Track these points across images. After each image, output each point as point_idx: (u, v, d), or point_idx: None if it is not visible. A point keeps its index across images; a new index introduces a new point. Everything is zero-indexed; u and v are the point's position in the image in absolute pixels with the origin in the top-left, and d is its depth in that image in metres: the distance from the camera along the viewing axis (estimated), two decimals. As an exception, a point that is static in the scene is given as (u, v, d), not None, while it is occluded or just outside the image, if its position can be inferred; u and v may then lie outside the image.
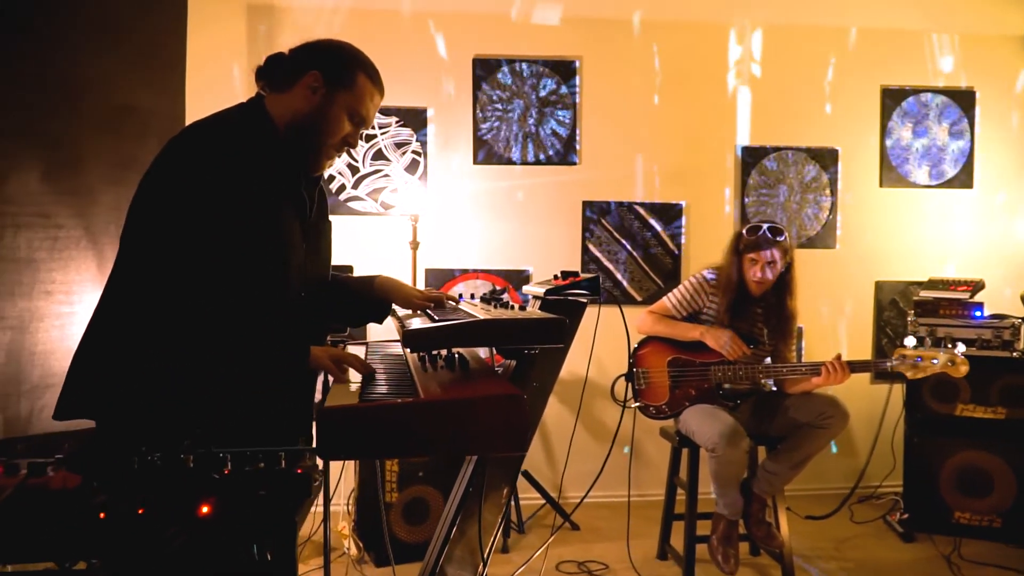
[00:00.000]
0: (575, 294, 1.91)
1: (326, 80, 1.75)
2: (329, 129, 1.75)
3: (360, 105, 1.79)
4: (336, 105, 1.76)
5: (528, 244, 4.37)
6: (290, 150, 1.74)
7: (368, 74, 1.82)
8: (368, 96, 1.80)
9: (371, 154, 4.25)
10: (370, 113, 1.82)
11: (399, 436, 1.38)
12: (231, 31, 4.15)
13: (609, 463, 4.27)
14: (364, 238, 4.24)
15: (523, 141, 4.33)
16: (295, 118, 1.73)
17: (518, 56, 4.32)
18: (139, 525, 0.95)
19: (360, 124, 1.81)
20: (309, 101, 1.74)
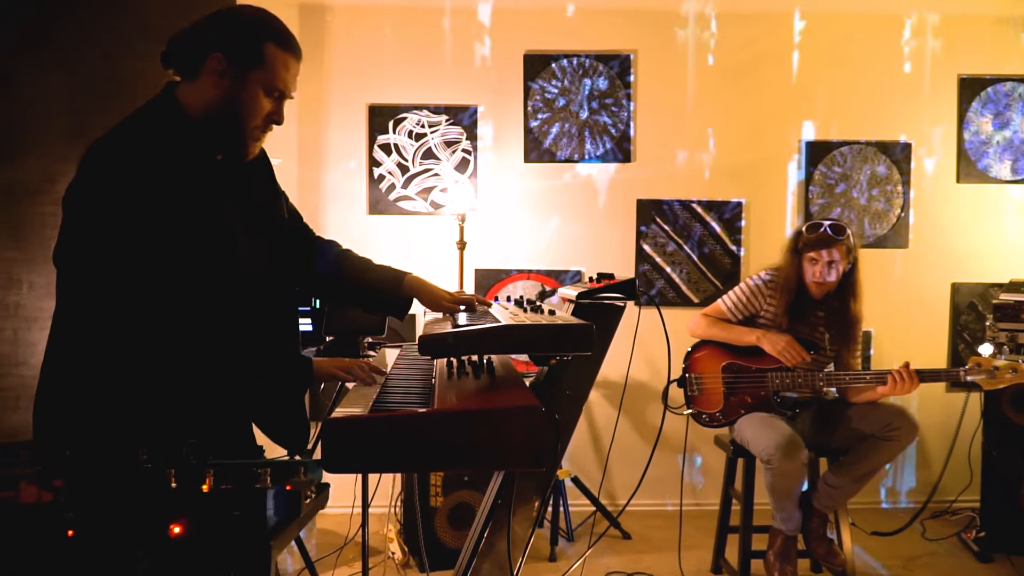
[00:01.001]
0: (610, 297, 1.80)
1: (231, 61, 1.59)
2: (246, 113, 1.61)
3: (275, 78, 1.62)
4: (248, 86, 1.60)
5: (580, 244, 4.25)
6: (209, 142, 1.62)
7: (277, 41, 1.63)
8: (281, 66, 1.63)
9: (421, 153, 4.20)
10: (288, 83, 1.66)
11: (408, 449, 1.30)
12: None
13: (665, 471, 4.15)
14: (413, 238, 4.20)
15: (575, 138, 4.22)
16: (208, 108, 1.60)
17: (570, 51, 4.21)
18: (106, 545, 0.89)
19: (281, 97, 1.66)
20: (218, 87, 1.59)
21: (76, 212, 1.53)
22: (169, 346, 1.53)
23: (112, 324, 1.53)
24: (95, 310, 1.53)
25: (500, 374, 1.69)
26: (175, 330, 1.53)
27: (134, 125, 1.57)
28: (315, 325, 2.69)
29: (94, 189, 1.51)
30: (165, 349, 1.53)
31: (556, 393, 1.84)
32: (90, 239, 1.51)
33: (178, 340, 1.53)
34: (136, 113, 1.59)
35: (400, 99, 4.18)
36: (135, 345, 1.52)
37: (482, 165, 4.22)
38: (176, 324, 1.53)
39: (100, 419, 1.54)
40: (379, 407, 1.39)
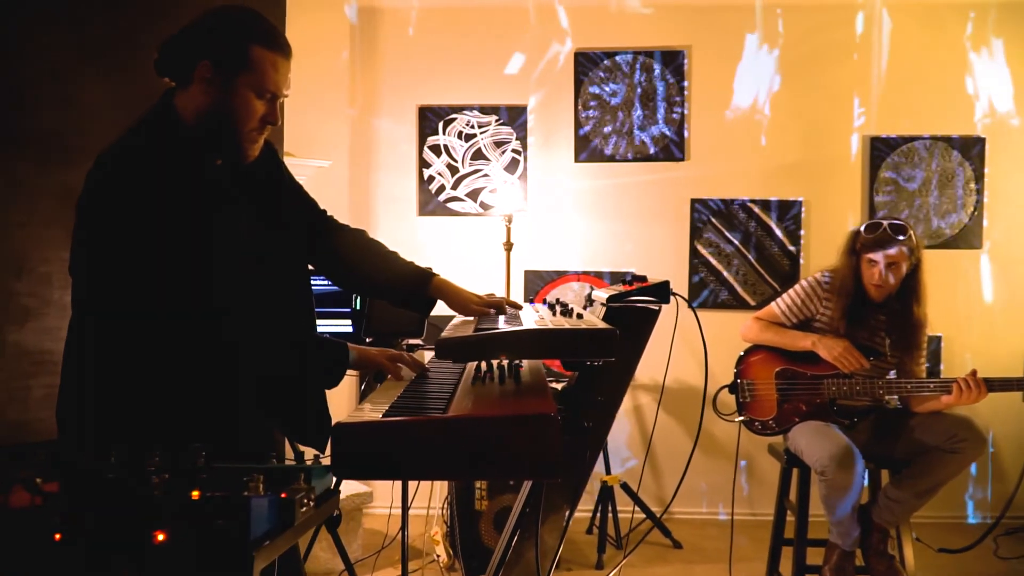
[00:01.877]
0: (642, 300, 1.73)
1: (217, 67, 1.57)
2: (239, 118, 1.58)
3: (265, 81, 1.58)
4: (238, 91, 1.57)
5: (632, 245, 4.17)
6: (206, 148, 1.60)
7: (263, 42, 1.59)
8: (270, 67, 1.58)
9: (471, 154, 4.18)
10: (280, 83, 1.61)
11: (418, 456, 1.26)
12: (332, 33, 4.18)
13: (720, 478, 4.03)
14: (462, 239, 4.18)
15: (627, 137, 4.14)
16: (200, 115, 1.59)
17: (622, 48, 4.13)
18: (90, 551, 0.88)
19: (274, 98, 1.62)
20: (208, 94, 1.57)
21: (84, 223, 1.55)
22: (184, 346, 1.53)
23: (125, 328, 1.54)
24: (108, 317, 1.55)
25: (527, 380, 1.64)
26: (189, 330, 1.53)
27: (133, 135, 1.59)
28: (355, 327, 2.69)
29: (99, 200, 1.52)
30: (180, 350, 1.53)
31: (587, 399, 1.78)
32: (98, 248, 1.53)
33: (192, 340, 1.53)
34: (136, 123, 1.61)
35: (450, 100, 4.16)
36: (149, 347, 1.53)
37: (532, 165, 4.17)
38: (189, 324, 1.53)
39: (119, 421, 1.55)
40: (394, 411, 1.36)
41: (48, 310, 2.89)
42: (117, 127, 1.70)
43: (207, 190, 1.59)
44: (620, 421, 4.16)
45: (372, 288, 1.99)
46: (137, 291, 1.52)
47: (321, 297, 2.85)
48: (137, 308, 1.53)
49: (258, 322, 1.64)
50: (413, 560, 3.56)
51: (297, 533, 1.02)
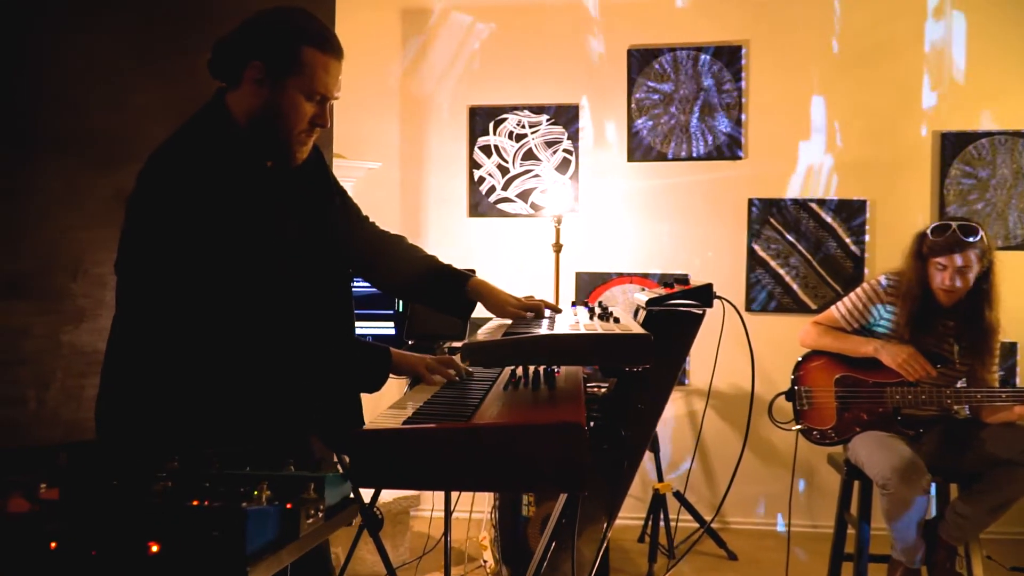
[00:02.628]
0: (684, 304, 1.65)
1: (268, 68, 1.56)
2: (288, 120, 1.57)
3: (315, 83, 1.56)
4: (287, 93, 1.55)
5: (687, 246, 4.05)
6: (256, 149, 1.59)
7: (315, 43, 1.57)
8: (321, 69, 1.56)
9: (521, 154, 4.12)
10: (330, 85, 1.59)
11: (437, 466, 1.22)
12: (382, 34, 4.18)
13: (779, 488, 3.88)
14: (512, 241, 4.13)
15: (682, 135, 4.03)
16: (251, 115, 1.58)
17: (677, 44, 4.02)
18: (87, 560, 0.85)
19: (324, 101, 1.60)
20: (258, 95, 1.57)
21: (134, 222, 1.56)
22: (226, 348, 1.53)
23: (168, 327, 1.55)
24: (152, 315, 1.56)
25: (561, 386, 1.58)
26: (231, 332, 1.53)
27: (184, 135, 1.59)
28: (397, 329, 2.66)
29: (148, 199, 1.53)
30: (222, 351, 1.53)
31: (626, 407, 1.70)
32: (147, 247, 1.53)
33: (234, 341, 1.53)
34: (188, 121, 1.61)
35: (501, 99, 4.12)
36: (191, 347, 1.53)
37: (584, 165, 4.09)
38: (232, 326, 1.53)
39: (155, 420, 1.56)
40: (416, 418, 1.31)
41: (102, 311, 2.95)
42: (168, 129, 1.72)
43: (254, 191, 1.58)
44: (674, 427, 4.05)
45: (410, 291, 1.96)
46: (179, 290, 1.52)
47: (363, 299, 2.85)
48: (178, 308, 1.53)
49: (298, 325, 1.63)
50: (460, 565, 3.52)
51: (303, 546, 0.98)
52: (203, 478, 1.01)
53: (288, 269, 1.61)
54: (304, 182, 1.71)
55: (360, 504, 1.28)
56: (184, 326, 1.53)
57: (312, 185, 1.74)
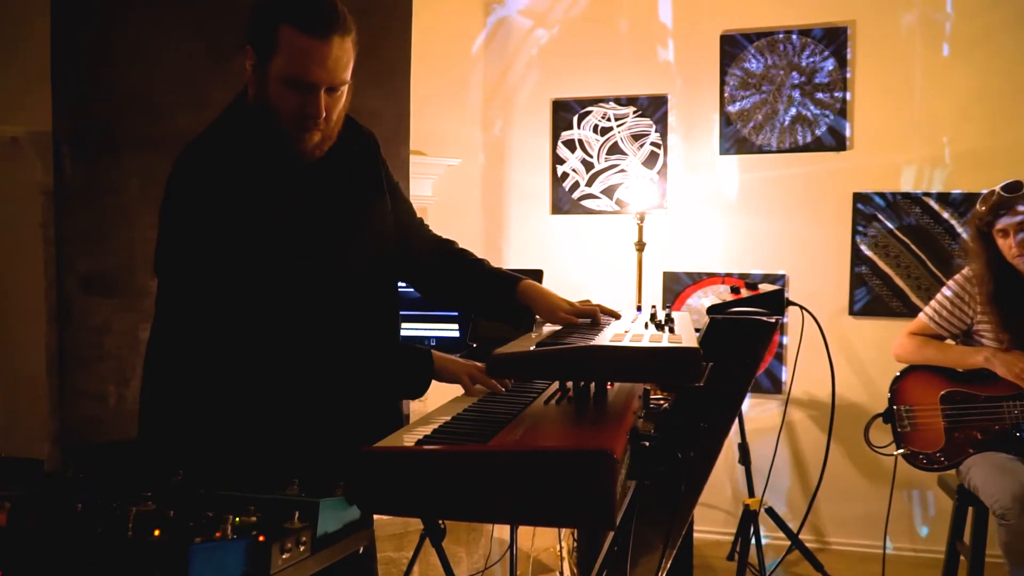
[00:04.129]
0: (750, 312, 1.46)
1: (256, 53, 1.44)
2: (274, 110, 1.43)
3: (293, 66, 1.39)
4: (270, 79, 1.42)
5: (784, 244, 3.77)
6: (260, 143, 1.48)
7: (293, 21, 1.39)
8: (299, 51, 1.39)
9: (607, 148, 3.95)
10: (310, 70, 1.40)
11: (447, 493, 1.09)
12: (463, 27, 4.09)
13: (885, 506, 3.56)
14: (598, 239, 3.96)
15: (779, 125, 3.75)
16: (252, 105, 1.48)
17: (774, 28, 3.74)
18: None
19: (308, 89, 1.41)
20: (252, 84, 1.46)
21: (164, 224, 1.52)
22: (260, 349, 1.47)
23: (203, 329, 1.50)
24: (187, 318, 1.52)
25: (611, 401, 1.42)
26: (265, 333, 1.47)
27: (210, 129, 1.54)
28: (462, 332, 2.56)
29: (171, 200, 1.49)
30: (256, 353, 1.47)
31: (687, 425, 1.53)
32: (175, 250, 1.50)
33: (269, 343, 1.47)
34: (219, 116, 1.55)
35: (585, 92, 3.96)
36: (227, 350, 1.48)
37: (672, 159, 3.88)
38: (266, 327, 1.46)
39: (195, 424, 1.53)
40: (433, 437, 1.19)
41: (178, 309, 2.99)
42: None
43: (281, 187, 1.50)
44: (768, 438, 3.78)
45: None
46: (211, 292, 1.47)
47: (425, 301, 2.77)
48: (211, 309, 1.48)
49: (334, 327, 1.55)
50: (538, 575, 3.40)
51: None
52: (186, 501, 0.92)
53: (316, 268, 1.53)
54: (348, 177, 1.63)
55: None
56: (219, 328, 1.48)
57: (357, 181, 1.65)
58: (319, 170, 1.56)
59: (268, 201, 1.47)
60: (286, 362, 1.48)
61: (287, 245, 1.48)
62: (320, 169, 1.56)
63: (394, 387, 1.59)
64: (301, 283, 1.51)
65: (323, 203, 1.57)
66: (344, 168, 1.62)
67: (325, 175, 1.58)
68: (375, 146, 1.71)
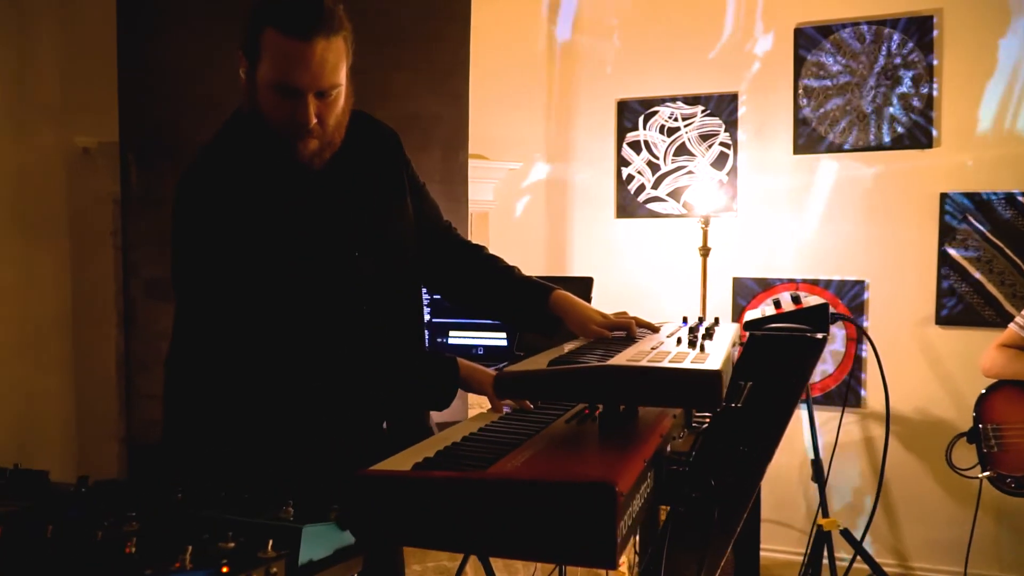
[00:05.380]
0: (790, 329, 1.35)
1: (247, 58, 1.40)
2: (266, 116, 1.39)
3: (276, 72, 1.34)
4: (259, 85, 1.38)
5: (865, 249, 3.55)
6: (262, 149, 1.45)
7: (275, 23, 1.33)
8: (279, 54, 1.33)
9: (673, 149, 3.81)
10: (294, 74, 1.33)
11: (439, 523, 1.03)
12: (526, 27, 4.02)
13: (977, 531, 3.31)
14: (664, 243, 3.83)
15: (859, 122, 3.53)
16: (247, 115, 1.44)
17: (853, 18, 3.53)
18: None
19: (294, 94, 1.35)
20: (245, 91, 1.42)
21: (172, 236, 1.51)
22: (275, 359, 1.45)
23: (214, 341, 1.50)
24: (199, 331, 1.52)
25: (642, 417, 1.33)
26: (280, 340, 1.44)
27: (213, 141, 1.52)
28: (509, 341, 2.49)
29: (180, 213, 1.48)
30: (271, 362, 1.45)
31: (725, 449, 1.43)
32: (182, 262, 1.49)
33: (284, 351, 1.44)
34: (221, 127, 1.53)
35: (651, 92, 3.83)
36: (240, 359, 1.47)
37: (743, 159, 3.71)
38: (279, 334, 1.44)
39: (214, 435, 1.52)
40: (435, 460, 1.13)
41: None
42: None
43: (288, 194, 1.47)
44: (846, 455, 3.57)
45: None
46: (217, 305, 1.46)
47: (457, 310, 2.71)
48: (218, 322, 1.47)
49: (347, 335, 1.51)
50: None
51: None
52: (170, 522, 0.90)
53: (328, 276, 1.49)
54: (361, 181, 1.58)
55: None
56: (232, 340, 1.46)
57: (371, 184, 1.60)
58: (327, 176, 1.52)
59: (275, 211, 1.44)
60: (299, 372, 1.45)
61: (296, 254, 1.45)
62: (329, 175, 1.52)
63: (417, 397, 1.54)
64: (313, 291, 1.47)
65: (333, 210, 1.52)
66: (357, 172, 1.57)
67: (334, 181, 1.53)
68: (395, 146, 1.66)
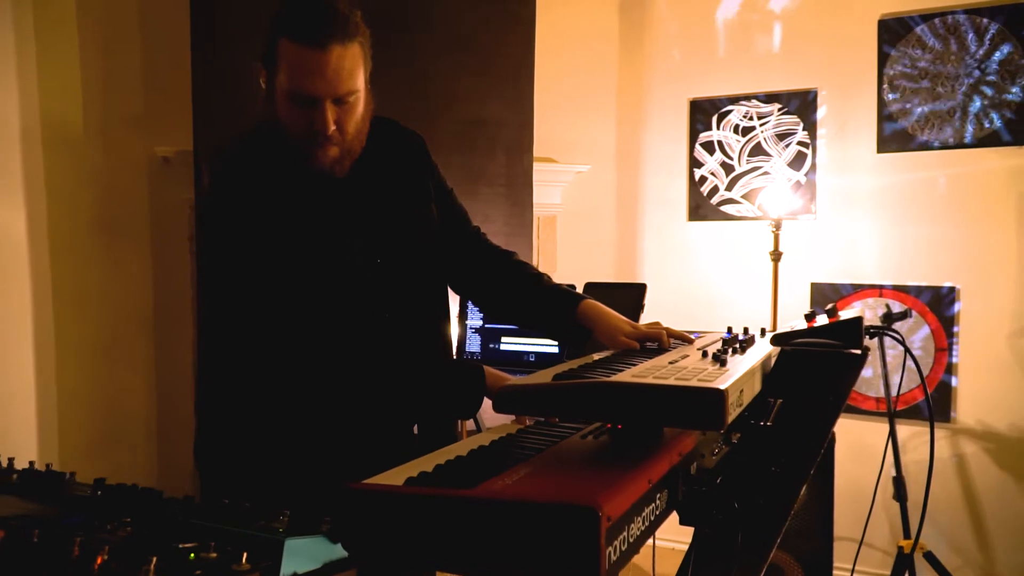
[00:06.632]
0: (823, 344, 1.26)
1: (266, 68, 1.41)
2: (284, 126, 1.40)
3: (293, 80, 1.35)
4: (278, 96, 1.39)
5: (954, 254, 3.32)
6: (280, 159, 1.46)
7: (290, 33, 1.34)
8: (295, 63, 1.34)
9: (748, 149, 3.67)
10: (309, 82, 1.34)
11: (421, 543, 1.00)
12: (596, 28, 3.95)
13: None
14: (739, 246, 3.69)
15: (950, 118, 3.31)
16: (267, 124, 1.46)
17: (943, 8, 3.31)
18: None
19: (311, 102, 1.35)
20: (265, 101, 1.44)
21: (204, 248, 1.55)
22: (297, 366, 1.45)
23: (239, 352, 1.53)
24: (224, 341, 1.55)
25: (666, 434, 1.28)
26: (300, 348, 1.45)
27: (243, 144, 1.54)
28: (561, 348, 2.45)
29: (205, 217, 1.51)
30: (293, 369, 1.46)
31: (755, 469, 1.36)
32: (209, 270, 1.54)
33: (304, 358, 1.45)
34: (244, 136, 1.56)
35: (725, 90, 3.70)
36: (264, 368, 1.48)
37: (822, 159, 3.54)
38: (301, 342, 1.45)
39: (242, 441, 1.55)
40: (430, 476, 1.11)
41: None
42: None
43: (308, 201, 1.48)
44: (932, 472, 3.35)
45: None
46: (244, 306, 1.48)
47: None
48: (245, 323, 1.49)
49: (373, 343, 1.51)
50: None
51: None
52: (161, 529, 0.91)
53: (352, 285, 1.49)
54: (382, 189, 1.58)
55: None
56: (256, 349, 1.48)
57: (393, 191, 1.59)
58: (350, 184, 1.53)
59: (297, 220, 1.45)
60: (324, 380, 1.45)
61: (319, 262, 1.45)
62: (351, 183, 1.52)
63: (442, 405, 1.52)
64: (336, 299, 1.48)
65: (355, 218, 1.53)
66: (379, 179, 1.57)
67: (356, 189, 1.53)
68: (420, 152, 1.65)
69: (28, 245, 3.04)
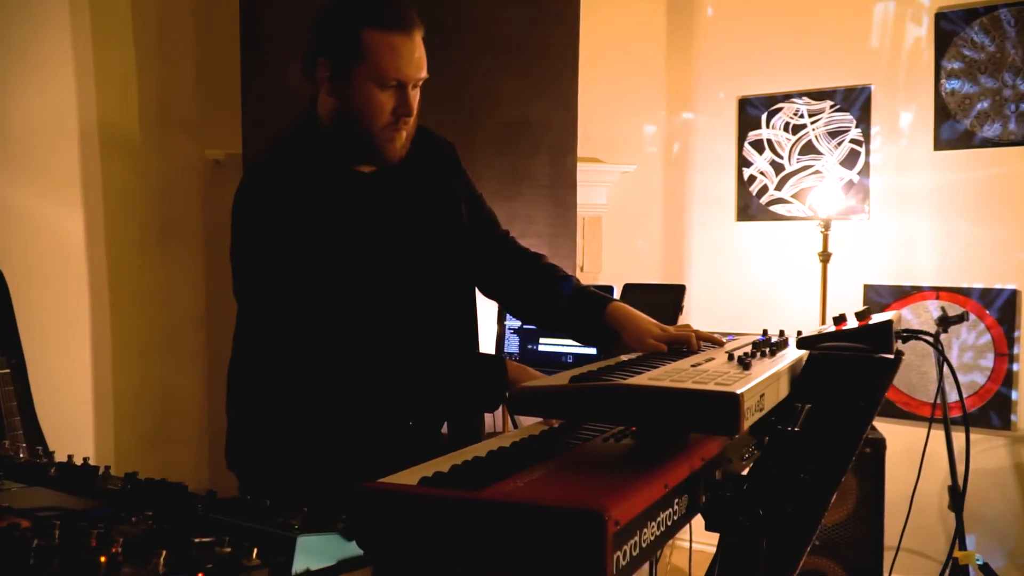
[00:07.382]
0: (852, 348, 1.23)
1: (334, 64, 1.44)
2: (364, 117, 1.44)
3: (382, 68, 1.41)
4: (357, 86, 1.43)
5: (1016, 254, 3.19)
6: (343, 153, 1.50)
7: (374, 23, 1.41)
8: (387, 51, 1.41)
9: (799, 148, 3.59)
10: (402, 66, 1.42)
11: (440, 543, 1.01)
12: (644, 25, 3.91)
13: None
14: (789, 247, 3.61)
15: (1011, 114, 3.18)
16: (331, 118, 1.49)
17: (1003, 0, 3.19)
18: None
19: (402, 85, 1.43)
20: (332, 94, 1.47)
21: (232, 243, 1.57)
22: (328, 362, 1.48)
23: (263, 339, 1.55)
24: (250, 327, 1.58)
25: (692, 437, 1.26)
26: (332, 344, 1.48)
27: (275, 148, 1.57)
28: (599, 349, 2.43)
29: (235, 215, 1.54)
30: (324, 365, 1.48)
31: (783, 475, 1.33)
32: (236, 262, 1.56)
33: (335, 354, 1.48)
34: (283, 134, 1.58)
35: (775, 87, 3.63)
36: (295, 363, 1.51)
37: (876, 157, 3.44)
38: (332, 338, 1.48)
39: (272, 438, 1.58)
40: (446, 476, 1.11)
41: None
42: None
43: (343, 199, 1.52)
44: (991, 481, 3.22)
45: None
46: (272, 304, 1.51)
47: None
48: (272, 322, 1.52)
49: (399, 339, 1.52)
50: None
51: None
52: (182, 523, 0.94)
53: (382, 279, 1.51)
54: (414, 189, 1.60)
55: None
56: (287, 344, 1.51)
57: (424, 192, 1.61)
58: (382, 183, 1.56)
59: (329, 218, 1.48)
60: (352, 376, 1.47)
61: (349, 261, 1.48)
62: (383, 182, 1.56)
63: (464, 399, 1.53)
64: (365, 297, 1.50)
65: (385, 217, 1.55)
66: (410, 180, 1.60)
67: (388, 189, 1.57)
68: (450, 157, 1.68)
69: (86, 245, 3.15)
